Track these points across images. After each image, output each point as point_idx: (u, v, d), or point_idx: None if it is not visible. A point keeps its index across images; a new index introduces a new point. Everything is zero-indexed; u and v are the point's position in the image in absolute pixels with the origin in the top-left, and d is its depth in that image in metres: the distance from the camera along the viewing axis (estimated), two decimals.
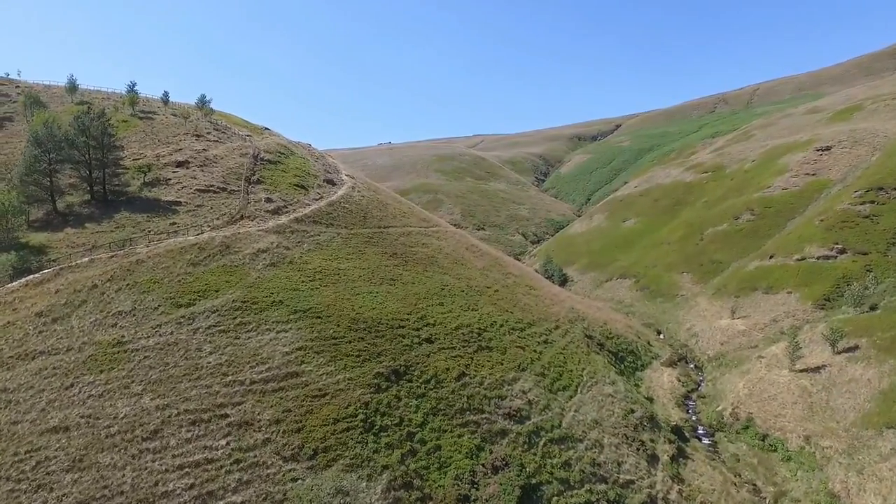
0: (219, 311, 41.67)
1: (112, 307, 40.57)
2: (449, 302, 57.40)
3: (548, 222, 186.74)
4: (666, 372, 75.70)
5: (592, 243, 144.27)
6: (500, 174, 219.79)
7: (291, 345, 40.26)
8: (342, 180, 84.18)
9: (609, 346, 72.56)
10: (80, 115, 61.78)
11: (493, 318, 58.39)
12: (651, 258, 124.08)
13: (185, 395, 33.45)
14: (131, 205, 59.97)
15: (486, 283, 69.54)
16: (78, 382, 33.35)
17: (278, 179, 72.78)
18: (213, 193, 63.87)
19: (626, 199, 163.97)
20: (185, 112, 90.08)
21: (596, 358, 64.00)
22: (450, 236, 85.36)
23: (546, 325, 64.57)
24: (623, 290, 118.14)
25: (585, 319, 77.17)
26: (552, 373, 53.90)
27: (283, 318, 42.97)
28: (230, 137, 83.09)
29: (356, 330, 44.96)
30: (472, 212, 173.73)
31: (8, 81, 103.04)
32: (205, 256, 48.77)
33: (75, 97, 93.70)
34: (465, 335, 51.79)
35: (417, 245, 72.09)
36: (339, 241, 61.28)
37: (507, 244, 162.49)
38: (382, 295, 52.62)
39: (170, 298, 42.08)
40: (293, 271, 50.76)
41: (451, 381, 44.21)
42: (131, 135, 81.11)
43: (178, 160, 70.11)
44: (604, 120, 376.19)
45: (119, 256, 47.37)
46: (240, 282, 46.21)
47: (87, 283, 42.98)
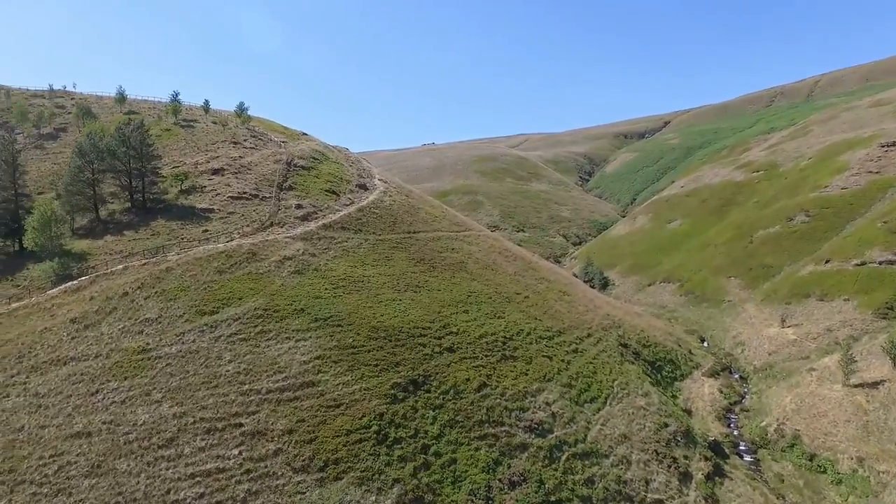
0: (241, 319, 42.59)
1: (140, 314, 42.12)
2: (474, 309, 56.80)
3: (590, 223, 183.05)
4: (707, 383, 72.66)
5: (635, 246, 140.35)
6: (542, 174, 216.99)
7: (310, 353, 40.67)
8: (374, 185, 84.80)
9: (645, 354, 70.23)
10: (121, 126, 64.66)
11: (520, 326, 57.43)
12: (697, 261, 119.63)
13: (203, 403, 34.28)
14: (168, 212, 62.24)
15: (515, 290, 68.53)
16: (103, 388, 34.74)
17: (310, 185, 73.98)
18: (245, 200, 65.52)
19: (672, 199, 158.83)
20: (224, 120, 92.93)
21: (629, 368, 62.03)
22: (482, 240, 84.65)
23: (577, 334, 63.05)
24: (666, 295, 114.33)
25: (621, 327, 74.97)
26: (580, 384, 52.54)
27: (303, 327, 43.49)
28: (266, 144, 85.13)
29: (376, 338, 45.03)
30: (511, 213, 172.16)
31: (64, 94, 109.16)
32: (231, 264, 50.01)
33: (123, 107, 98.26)
34: (488, 344, 51.10)
35: (447, 250, 71.78)
36: (366, 248, 61.68)
37: (547, 246, 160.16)
38: (406, 302, 52.56)
39: (195, 306, 43.33)
40: (317, 278, 51.37)
41: (471, 392, 43.65)
42: (173, 143, 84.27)
43: (214, 168, 72.33)
44: (652, 117, 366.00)
45: (151, 264, 49.21)
46: (264, 289, 47.11)
47: (118, 291, 44.81)
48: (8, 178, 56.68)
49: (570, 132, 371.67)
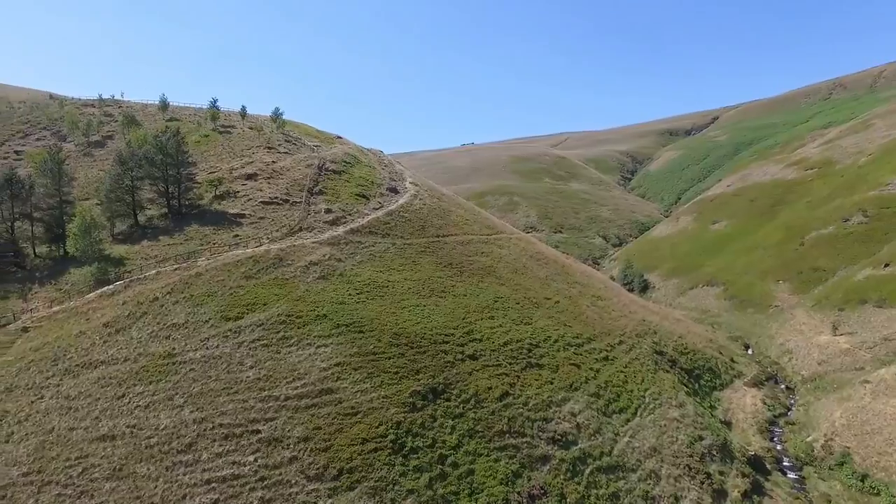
0: (264, 325, 43.30)
1: (168, 319, 43.41)
2: (500, 315, 56.07)
3: (632, 224, 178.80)
4: (750, 393, 69.62)
5: (677, 247, 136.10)
6: (581, 174, 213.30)
7: (330, 360, 40.94)
8: (405, 188, 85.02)
9: (683, 362, 67.83)
10: (158, 134, 67.01)
11: (547, 333, 56.35)
12: (742, 264, 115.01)
13: (222, 408, 34.97)
14: (202, 218, 64.05)
15: (545, 295, 67.35)
16: (129, 392, 35.92)
17: (340, 189, 74.76)
18: (276, 205, 66.76)
19: (718, 199, 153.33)
20: (260, 125, 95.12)
21: (664, 377, 59.99)
22: (513, 244, 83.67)
23: (608, 340, 61.42)
24: (709, 299, 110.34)
25: (657, 333, 72.67)
26: (608, 393, 51.09)
27: (325, 333, 43.85)
28: (299, 149, 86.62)
29: (397, 345, 44.96)
30: (549, 214, 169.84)
31: (113, 102, 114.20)
32: (258, 269, 50.97)
33: (166, 114, 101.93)
34: (513, 351, 50.31)
35: (476, 254, 71.22)
36: (392, 252, 61.82)
37: (585, 248, 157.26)
38: (430, 308, 52.33)
39: (220, 311, 44.34)
40: (342, 284, 51.76)
41: (493, 401, 43.02)
42: (211, 149, 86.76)
43: (248, 173, 74.04)
44: (699, 113, 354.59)
45: (182, 269, 50.70)
46: (288, 295, 47.78)
47: (149, 296, 46.34)
48: (53, 186, 59.68)
49: (613, 130, 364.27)
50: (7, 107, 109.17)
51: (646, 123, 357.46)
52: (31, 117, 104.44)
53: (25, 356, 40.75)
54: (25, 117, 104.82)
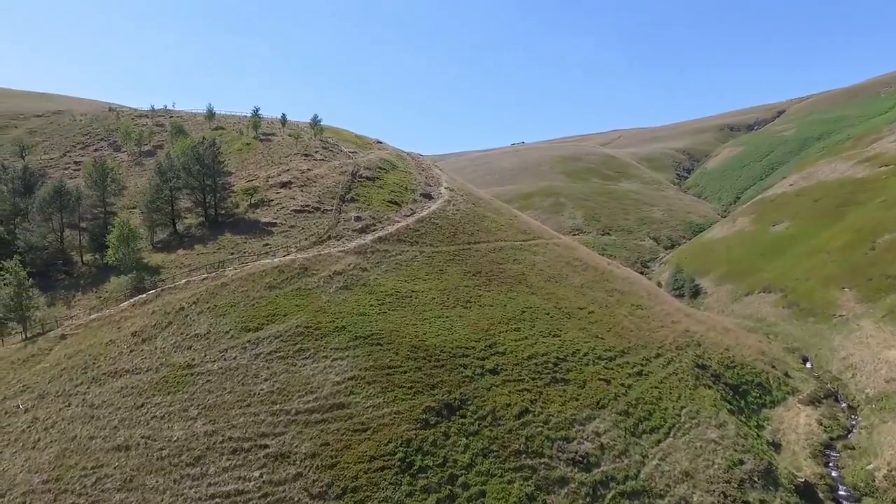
0: (282, 337, 43.77)
1: (191, 329, 44.63)
2: (527, 327, 54.59)
3: (685, 225, 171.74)
4: (804, 412, 65.14)
5: (733, 250, 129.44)
6: (632, 173, 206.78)
7: (344, 374, 40.90)
8: (440, 193, 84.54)
9: (728, 377, 64.16)
10: (196, 145, 69.40)
11: (577, 346, 54.45)
12: (803, 269, 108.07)
13: (234, 421, 35.48)
14: (236, 226, 65.79)
15: (579, 304, 65.22)
16: (148, 403, 37.05)
17: (372, 196, 75.07)
18: (307, 213, 67.74)
19: (778, 199, 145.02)
20: (299, 132, 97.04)
21: (704, 393, 56.84)
22: (550, 250, 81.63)
23: (644, 353, 58.78)
24: (765, 307, 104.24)
25: (701, 345, 69.07)
26: (639, 411, 48.76)
27: (342, 345, 43.87)
28: (336, 155, 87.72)
29: (415, 359, 44.45)
30: (596, 215, 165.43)
31: (165, 113, 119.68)
32: (283, 279, 51.71)
33: (212, 123, 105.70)
34: (537, 366, 48.81)
35: (508, 261, 69.84)
36: (419, 261, 61.42)
37: (634, 250, 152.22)
38: (452, 319, 51.56)
39: (241, 322, 45.18)
40: (364, 294, 51.76)
41: (511, 419, 41.81)
42: (251, 157, 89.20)
43: (283, 181, 75.54)
44: (764, 106, 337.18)
45: (210, 279, 52.11)
46: (309, 306, 48.18)
47: (176, 306, 47.83)
48: (98, 197, 62.87)
49: (668, 127, 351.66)
50: (71, 119, 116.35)
51: (704, 119, 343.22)
52: (91, 129, 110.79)
53: (60, 363, 42.88)
54: (86, 129, 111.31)
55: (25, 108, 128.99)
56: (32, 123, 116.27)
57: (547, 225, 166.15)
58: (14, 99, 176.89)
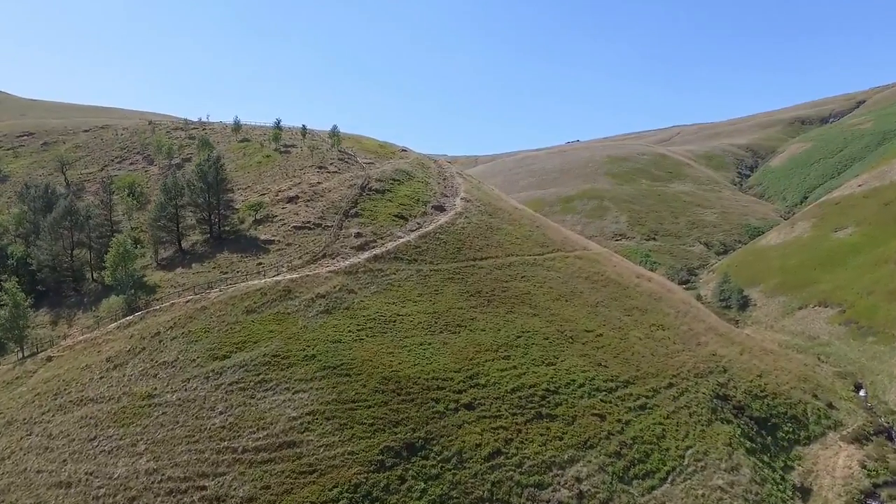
0: (247, 366, 42.82)
1: (160, 357, 44.47)
2: (520, 354, 51.34)
3: (742, 229, 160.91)
4: (845, 451, 58.47)
5: (788, 258, 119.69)
6: (686, 173, 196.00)
7: (303, 408, 39.40)
8: (454, 205, 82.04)
9: (755, 409, 58.43)
10: (201, 162, 70.27)
11: (573, 375, 50.69)
12: (867, 282, 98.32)
13: (178, 459, 34.66)
14: (236, 243, 65.95)
15: (587, 326, 61.08)
16: (101, 435, 36.93)
17: (379, 210, 73.58)
18: (307, 230, 67.01)
19: (844, 201, 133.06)
20: (313, 144, 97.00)
21: (719, 429, 51.73)
22: (569, 263, 77.42)
23: (653, 383, 54.13)
24: (819, 323, 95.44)
25: (728, 371, 63.31)
26: (633, 452, 44.62)
27: (307, 376, 42.42)
28: (350, 167, 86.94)
29: (383, 392, 42.39)
30: (641, 219, 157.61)
31: (198, 125, 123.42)
32: (263, 303, 50.92)
33: (238, 136, 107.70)
34: (521, 399, 45.62)
35: (514, 279, 66.51)
36: (414, 280, 59.27)
37: (681, 256, 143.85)
38: (435, 346, 49.13)
39: (210, 350, 44.61)
40: (345, 318, 50.19)
41: (479, 461, 39.02)
42: (269, 170, 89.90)
43: (290, 195, 75.33)
44: (842, 96, 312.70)
45: (192, 301, 52.06)
46: (283, 332, 47.08)
47: (153, 330, 47.96)
48: (104, 217, 64.74)
49: (733, 121, 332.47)
50: (113, 134, 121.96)
51: (772, 112, 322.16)
52: (130, 143, 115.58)
53: (37, 388, 43.80)
54: (125, 143, 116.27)
55: (77, 123, 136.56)
56: (80, 138, 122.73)
57: (588, 230, 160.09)
58: (70, 112, 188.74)
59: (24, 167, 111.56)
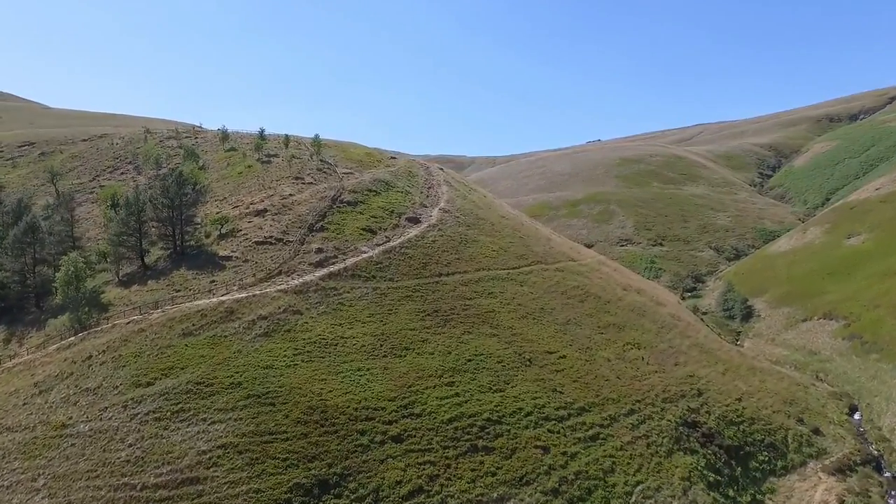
0: (168, 394, 41.73)
1: (85, 382, 43.77)
2: (466, 380, 49.17)
3: (756, 233, 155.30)
4: (825, 483, 54.91)
5: (796, 266, 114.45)
6: (700, 175, 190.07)
7: (216, 440, 38.09)
8: (430, 216, 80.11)
9: (727, 436, 55.13)
10: (165, 176, 69.93)
11: (521, 403, 48.32)
12: (875, 293, 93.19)
13: (73, 496, 33.71)
14: (196, 260, 65.26)
15: (550, 347, 58.50)
16: (5, 468, 36.26)
17: (347, 224, 72.12)
18: (268, 245, 65.93)
19: (860, 206, 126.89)
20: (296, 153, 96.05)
21: (680, 461, 48.76)
22: (547, 277, 74.73)
23: (611, 410, 51.34)
24: (823, 337, 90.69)
25: (704, 393, 60.06)
26: (574, 489, 42.11)
27: (228, 406, 41.12)
28: (327, 177, 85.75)
29: (305, 423, 40.82)
30: (649, 223, 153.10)
31: (193, 133, 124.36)
32: (202, 325, 49.87)
33: (226, 145, 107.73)
34: (457, 430, 43.50)
35: (480, 295, 64.25)
36: (369, 299, 57.57)
37: (688, 263, 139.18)
38: (374, 372, 47.34)
39: (135, 376, 43.69)
40: (283, 342, 48.78)
41: (396, 500, 37.11)
42: (247, 181, 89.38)
43: (259, 209, 74.44)
44: (873, 92, 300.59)
45: (134, 322, 51.35)
46: (215, 357, 45.90)
47: (86, 353, 47.36)
48: (66, 233, 64.94)
49: (757, 119, 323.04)
50: (108, 144, 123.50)
51: (798, 109, 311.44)
52: (123, 152, 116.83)
53: None
54: (118, 152, 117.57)
55: (78, 132, 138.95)
56: (77, 148, 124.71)
57: (593, 235, 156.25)
58: (84, 121, 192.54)
59: (21, 178, 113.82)
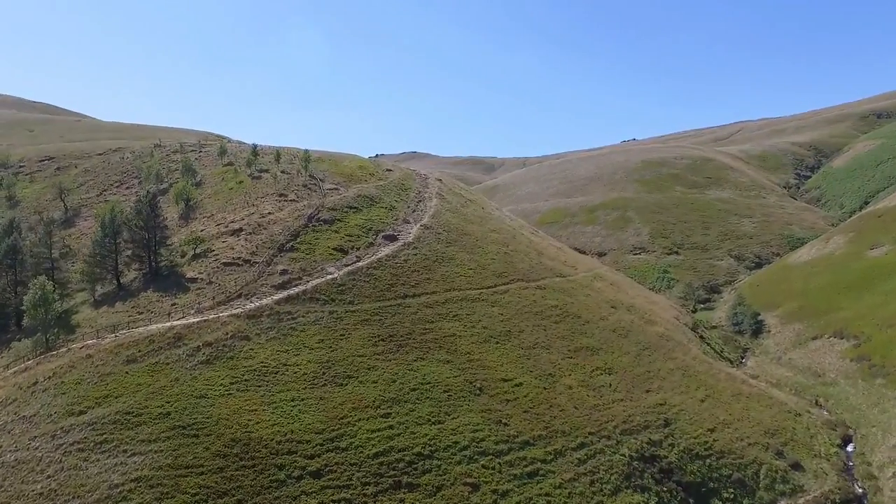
0: (96, 424, 42.92)
1: (24, 409, 45.47)
2: (405, 411, 48.79)
3: (782, 240, 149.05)
4: None
5: (813, 279, 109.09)
6: (727, 178, 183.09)
7: (131, 474, 38.97)
8: (409, 232, 79.96)
9: (689, 472, 53.09)
10: (140, 198, 72.11)
11: (459, 436, 47.62)
12: (891, 311, 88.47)
13: None
14: (165, 281, 66.99)
15: (506, 374, 57.45)
16: None
17: (319, 243, 72.67)
18: (235, 267, 67.07)
19: (888, 213, 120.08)
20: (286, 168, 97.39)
21: (627, 500, 47.19)
22: (523, 297, 73.44)
23: (559, 444, 50.02)
24: (830, 357, 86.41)
25: (672, 424, 57.96)
26: None
27: (152, 437, 42.01)
28: (310, 194, 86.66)
29: (225, 456, 41.31)
30: (666, 231, 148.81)
31: (198, 147, 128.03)
32: (148, 351, 51.08)
33: (224, 159, 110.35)
34: (382, 465, 43.19)
35: (444, 318, 63.68)
36: (323, 324, 57.83)
37: (705, 273, 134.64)
38: (309, 402, 47.51)
39: (70, 405, 45.11)
40: (223, 370, 49.49)
41: None
42: (235, 197, 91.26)
43: (236, 228, 75.86)
44: None
45: (86, 347, 53.08)
46: (151, 385, 46.95)
47: (34, 378, 49.19)
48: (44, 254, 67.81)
49: (801, 115, 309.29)
50: (119, 158, 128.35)
51: (844, 105, 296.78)
52: (131, 167, 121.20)
53: None
54: (127, 167, 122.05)
55: (94, 146, 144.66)
56: (91, 162, 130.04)
57: (607, 243, 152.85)
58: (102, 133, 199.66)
59: (36, 193, 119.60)
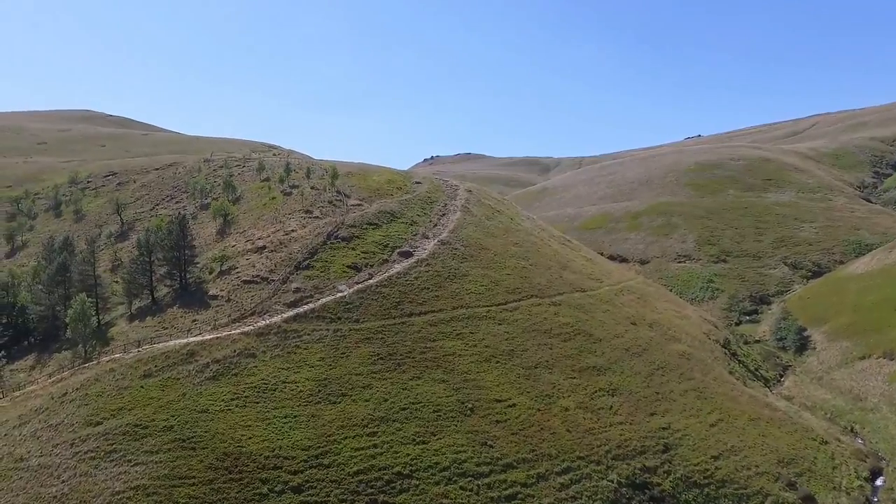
0: (108, 435, 48.23)
1: (52, 418, 51.53)
2: (391, 430, 51.58)
3: (846, 246, 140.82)
4: None
5: (867, 293, 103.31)
6: (789, 179, 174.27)
7: (130, 483, 43.79)
8: (424, 248, 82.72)
9: (682, 501, 53.13)
10: (172, 220, 78.74)
11: (441, 456, 49.94)
12: None
13: None
14: (191, 297, 72.92)
15: (502, 394, 59.13)
16: None
17: (335, 261, 76.60)
18: (254, 284, 72.06)
19: None
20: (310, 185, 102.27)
21: None
22: (534, 314, 74.50)
23: (543, 467, 51.43)
24: (875, 380, 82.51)
25: (671, 449, 57.98)
26: None
27: (154, 448, 46.82)
28: (334, 211, 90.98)
29: (215, 468, 45.52)
30: (714, 237, 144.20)
31: (242, 161, 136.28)
32: (163, 366, 56.38)
33: (262, 175, 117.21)
34: (360, 483, 46.20)
35: (446, 336, 66.03)
36: (326, 342, 61.50)
37: (754, 282, 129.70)
38: (301, 419, 51.19)
39: (89, 415, 50.76)
40: (227, 386, 53.98)
41: None
42: (267, 213, 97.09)
43: (260, 245, 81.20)
44: None
45: (112, 361, 59.14)
46: (161, 399, 52.00)
47: (65, 389, 55.45)
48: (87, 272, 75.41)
49: (886, 107, 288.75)
50: (173, 173, 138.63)
51: None
52: (182, 182, 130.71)
53: None
54: (178, 182, 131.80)
55: (154, 161, 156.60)
56: (148, 177, 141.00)
57: (650, 251, 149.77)
58: (166, 146, 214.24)
59: (99, 207, 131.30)
